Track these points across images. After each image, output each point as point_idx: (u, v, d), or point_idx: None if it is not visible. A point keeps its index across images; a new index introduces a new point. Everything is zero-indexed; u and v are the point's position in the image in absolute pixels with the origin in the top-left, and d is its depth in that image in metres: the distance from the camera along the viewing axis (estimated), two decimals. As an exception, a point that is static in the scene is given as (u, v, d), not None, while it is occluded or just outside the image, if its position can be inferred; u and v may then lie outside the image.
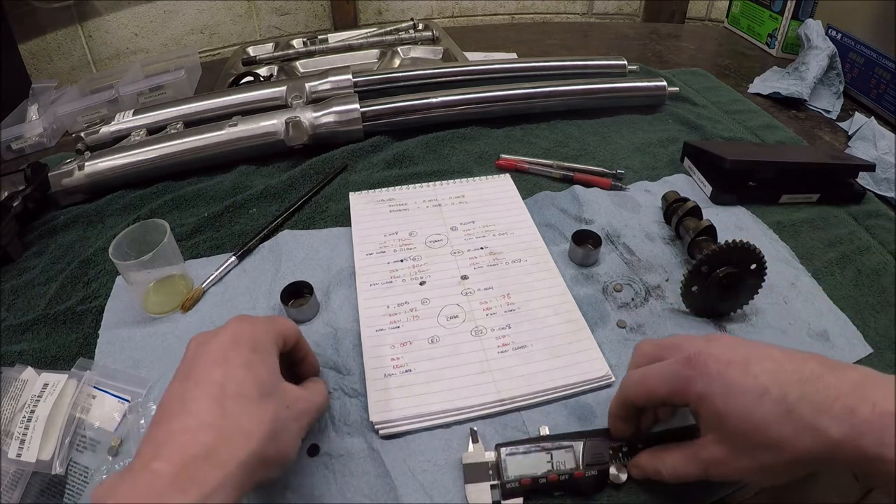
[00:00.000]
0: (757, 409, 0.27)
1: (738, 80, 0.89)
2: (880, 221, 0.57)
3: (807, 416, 0.25)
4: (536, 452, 0.34)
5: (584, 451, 0.34)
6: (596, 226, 0.54)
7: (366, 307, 0.46)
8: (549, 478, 0.34)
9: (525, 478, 0.33)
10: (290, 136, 0.64)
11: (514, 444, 0.35)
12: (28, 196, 0.59)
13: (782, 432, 0.26)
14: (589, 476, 0.34)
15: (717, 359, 0.29)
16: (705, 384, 0.28)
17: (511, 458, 0.34)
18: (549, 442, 0.35)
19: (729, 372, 0.28)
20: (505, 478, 0.34)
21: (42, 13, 0.97)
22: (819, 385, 0.26)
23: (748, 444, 0.27)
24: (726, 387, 0.28)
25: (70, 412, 0.38)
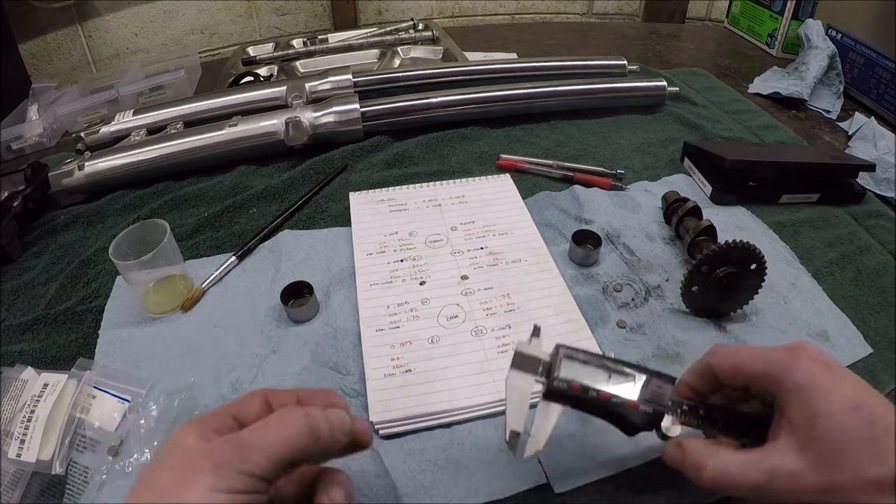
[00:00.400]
0: (850, 419, 0.25)
1: (738, 80, 0.89)
2: (880, 221, 0.57)
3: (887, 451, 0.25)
4: (596, 367, 0.31)
5: (646, 385, 0.31)
6: (596, 226, 0.54)
7: (366, 307, 0.46)
8: (601, 394, 0.30)
9: (576, 382, 0.31)
10: (290, 136, 0.64)
11: (576, 350, 0.32)
12: (28, 196, 0.59)
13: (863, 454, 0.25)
14: (642, 411, 0.30)
15: (819, 357, 0.28)
16: (808, 376, 0.27)
17: (568, 361, 0.31)
18: (613, 363, 0.32)
19: (829, 376, 0.27)
20: (555, 374, 0.31)
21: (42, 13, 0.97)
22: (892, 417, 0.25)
23: (831, 458, 0.25)
24: (826, 387, 0.26)
25: (70, 412, 0.38)
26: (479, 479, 0.35)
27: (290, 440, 0.25)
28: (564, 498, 0.35)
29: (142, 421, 0.38)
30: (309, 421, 0.26)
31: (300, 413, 0.27)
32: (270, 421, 0.26)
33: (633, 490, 0.35)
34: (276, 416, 0.26)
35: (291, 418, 0.26)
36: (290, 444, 0.25)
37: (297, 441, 0.26)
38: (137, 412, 0.39)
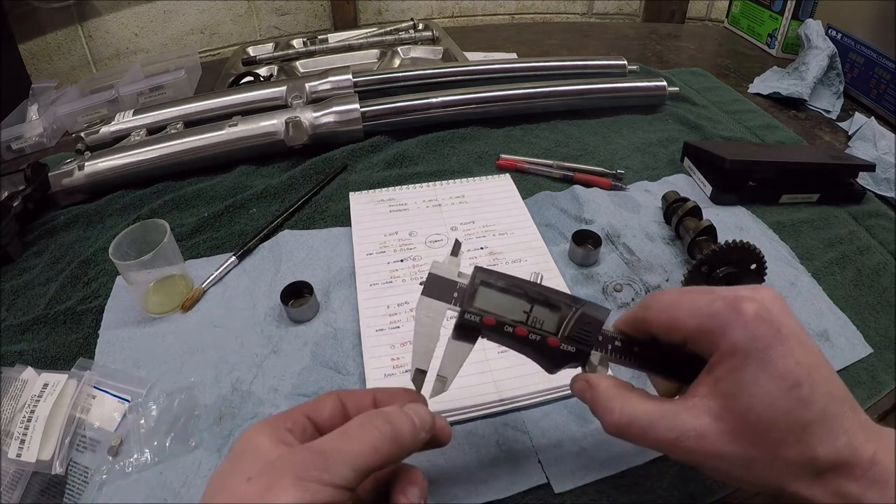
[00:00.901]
0: (783, 399, 0.23)
1: (738, 80, 0.89)
2: (880, 221, 0.57)
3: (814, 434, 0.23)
4: (516, 295, 0.28)
5: (572, 320, 0.28)
6: (596, 226, 0.54)
7: (366, 307, 0.46)
8: (517, 329, 0.28)
9: (489, 315, 0.28)
10: (290, 136, 0.64)
11: (496, 275, 0.29)
12: (28, 196, 0.59)
13: (786, 437, 0.23)
14: (564, 350, 0.28)
15: (770, 319, 0.24)
16: (746, 339, 0.24)
17: (484, 289, 0.28)
18: (537, 291, 0.28)
19: (775, 342, 0.24)
20: (467, 305, 0.28)
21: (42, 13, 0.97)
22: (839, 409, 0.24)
23: (748, 432, 0.24)
24: (765, 356, 0.23)
25: (70, 412, 0.38)
26: (479, 479, 0.35)
27: (373, 448, 0.24)
28: (564, 498, 0.35)
29: (142, 421, 0.38)
30: (391, 427, 0.25)
31: (381, 419, 0.25)
32: (351, 429, 0.25)
33: (633, 490, 0.35)
34: (356, 424, 0.25)
35: (373, 425, 0.25)
36: (374, 453, 0.24)
37: (381, 448, 0.24)
38: (137, 412, 0.39)
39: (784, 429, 0.23)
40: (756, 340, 0.24)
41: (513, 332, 0.28)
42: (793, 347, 0.24)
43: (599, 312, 0.29)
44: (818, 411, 0.23)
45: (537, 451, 0.37)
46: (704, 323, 0.25)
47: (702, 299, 0.26)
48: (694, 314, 0.26)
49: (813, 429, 0.23)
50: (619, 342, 0.28)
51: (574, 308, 0.28)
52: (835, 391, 0.24)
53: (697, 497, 0.35)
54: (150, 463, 0.36)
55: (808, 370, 0.24)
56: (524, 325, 0.28)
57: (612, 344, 0.28)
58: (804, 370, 0.23)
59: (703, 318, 0.25)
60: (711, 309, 0.25)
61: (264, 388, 0.41)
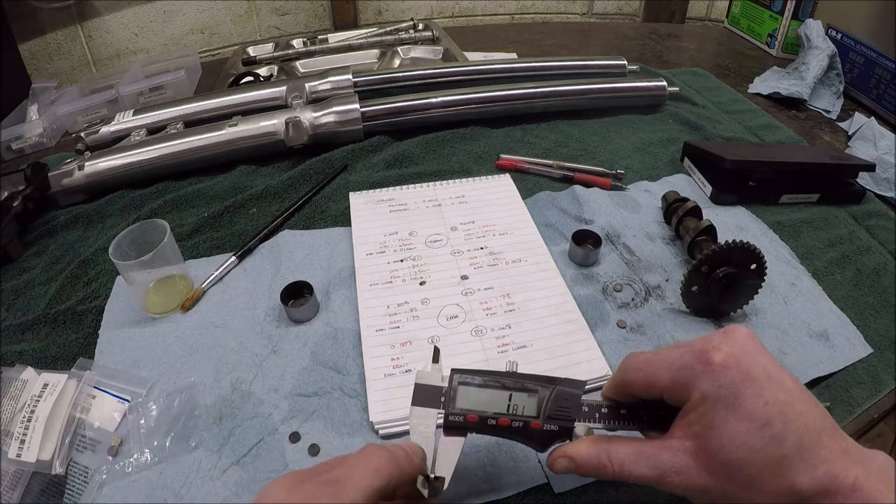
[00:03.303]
0: (753, 438, 0.24)
1: (738, 80, 0.89)
2: (880, 221, 0.57)
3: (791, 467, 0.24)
4: (495, 388, 0.30)
5: (550, 400, 0.29)
6: (596, 226, 0.54)
7: (366, 307, 0.46)
8: (500, 420, 0.29)
9: (472, 413, 0.29)
10: (290, 136, 0.64)
11: (473, 373, 0.30)
12: (28, 196, 0.59)
13: (763, 472, 0.24)
14: (547, 430, 0.29)
15: (737, 364, 0.26)
16: (714, 388, 0.26)
17: (464, 388, 0.30)
18: (513, 380, 0.30)
19: (743, 387, 0.25)
20: (451, 408, 0.29)
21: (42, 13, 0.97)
22: (816, 440, 0.25)
23: (723, 469, 0.25)
24: (734, 401, 0.25)
25: (70, 412, 0.38)
26: (479, 478, 0.35)
27: (376, 470, 0.26)
28: (564, 498, 0.35)
29: (142, 421, 0.38)
30: (387, 452, 0.27)
31: (377, 447, 0.28)
32: (352, 459, 0.27)
33: (633, 490, 0.35)
34: (356, 454, 0.27)
35: (372, 452, 0.27)
36: (377, 474, 0.26)
37: (383, 470, 0.26)
38: (137, 412, 0.39)
39: (759, 465, 0.24)
40: (723, 388, 0.25)
41: (496, 424, 0.29)
42: (762, 388, 0.25)
43: (575, 386, 0.30)
44: (792, 445, 0.24)
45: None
46: (676, 377, 0.27)
47: (673, 354, 0.28)
48: (667, 369, 0.28)
49: (789, 461, 0.24)
50: (605, 409, 0.30)
51: (550, 389, 0.30)
52: (811, 423, 0.25)
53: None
54: (150, 463, 0.36)
55: (780, 407, 0.25)
56: (506, 416, 0.29)
57: (599, 412, 0.30)
58: (774, 409, 0.25)
59: (674, 373, 0.27)
60: (681, 363, 0.27)
61: (264, 388, 0.41)
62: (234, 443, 0.37)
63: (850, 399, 0.40)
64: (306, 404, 0.40)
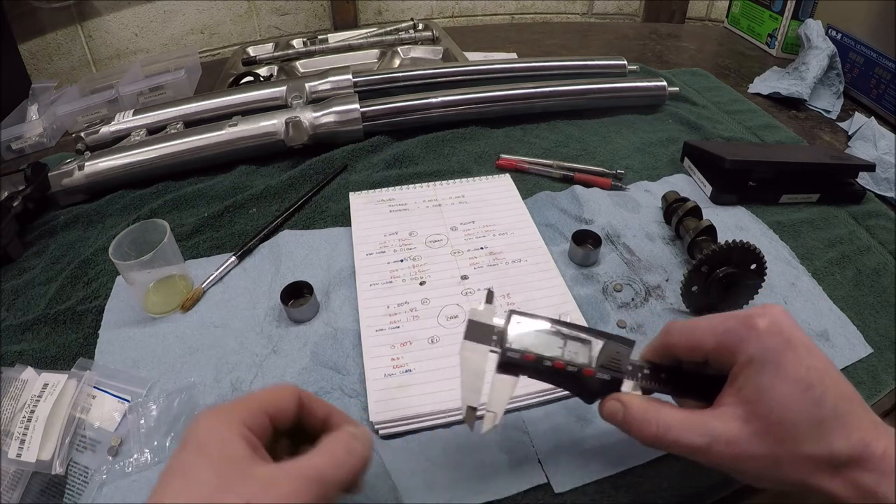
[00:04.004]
0: (799, 401, 0.26)
1: (738, 80, 0.89)
2: (880, 221, 0.57)
3: (831, 431, 0.25)
4: (550, 334, 0.31)
5: (603, 350, 0.30)
6: (596, 226, 0.54)
7: (366, 307, 0.46)
8: (556, 363, 0.30)
9: (529, 353, 0.30)
10: (290, 136, 0.64)
11: (528, 315, 0.31)
12: (28, 196, 0.59)
13: (807, 435, 0.26)
14: (599, 378, 0.30)
15: (780, 331, 0.27)
16: (760, 350, 0.27)
17: (520, 328, 0.31)
18: (568, 328, 0.31)
19: (786, 352, 0.26)
20: (507, 345, 0.30)
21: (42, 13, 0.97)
22: (850, 408, 0.26)
23: (771, 432, 0.26)
24: (779, 364, 0.26)
25: (70, 412, 0.38)
26: (478, 479, 0.35)
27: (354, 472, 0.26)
28: (564, 498, 0.35)
29: (142, 421, 0.38)
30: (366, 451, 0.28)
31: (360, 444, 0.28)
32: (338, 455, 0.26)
33: (633, 490, 0.35)
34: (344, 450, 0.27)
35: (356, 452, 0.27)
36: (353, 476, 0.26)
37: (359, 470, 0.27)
38: (137, 412, 0.39)
39: (803, 426, 0.26)
40: (769, 351, 0.27)
41: (552, 366, 0.30)
42: (802, 355, 0.27)
43: (625, 342, 0.31)
44: (831, 409, 0.26)
45: (537, 451, 0.37)
46: (722, 340, 0.28)
47: (717, 319, 0.29)
48: (712, 333, 0.29)
49: (828, 425, 0.25)
50: (647, 370, 0.31)
51: (603, 340, 0.31)
52: (845, 392, 0.26)
53: (697, 497, 0.35)
54: (149, 463, 0.36)
55: (819, 374, 0.26)
56: (561, 360, 0.30)
57: (642, 372, 0.31)
58: (815, 374, 0.26)
59: (720, 336, 0.28)
60: (726, 326, 0.28)
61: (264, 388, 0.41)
62: None
63: (850, 399, 0.40)
64: (306, 404, 0.40)
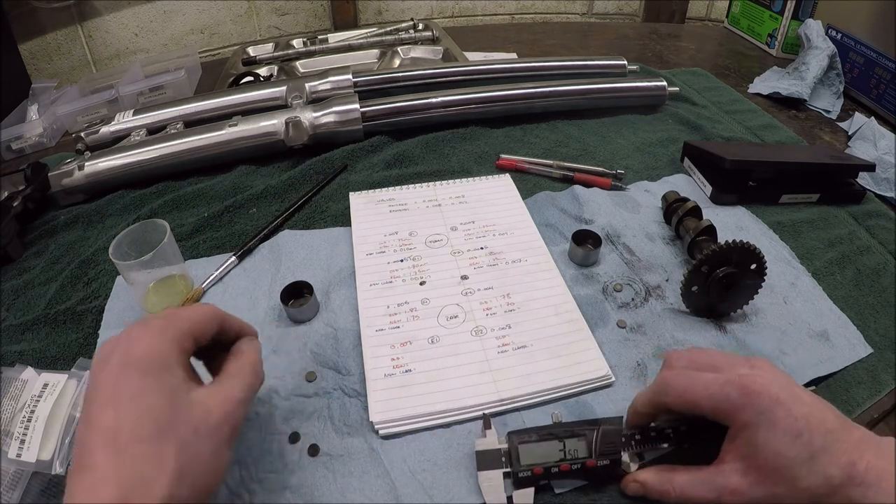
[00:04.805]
0: (790, 448, 0.29)
1: (738, 80, 0.89)
2: (880, 221, 0.57)
3: (822, 462, 0.29)
4: (549, 441, 0.34)
5: (597, 439, 0.34)
6: (596, 226, 0.54)
7: (366, 307, 0.46)
8: (562, 467, 0.34)
9: (537, 466, 0.34)
10: (290, 136, 0.64)
11: (526, 431, 0.35)
12: (28, 196, 0.59)
13: (801, 472, 0.29)
14: (601, 465, 0.34)
15: (769, 394, 0.31)
16: (754, 415, 0.30)
17: (524, 447, 0.34)
18: (562, 429, 0.35)
19: (776, 410, 0.30)
20: (517, 466, 0.34)
21: (42, 13, 0.97)
22: (835, 437, 0.30)
23: (770, 478, 0.30)
24: (772, 423, 0.30)
25: (70, 412, 0.38)
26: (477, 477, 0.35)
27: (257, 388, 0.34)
28: (564, 498, 0.35)
29: (142, 421, 0.38)
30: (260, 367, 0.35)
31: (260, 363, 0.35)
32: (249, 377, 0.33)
33: (633, 490, 0.35)
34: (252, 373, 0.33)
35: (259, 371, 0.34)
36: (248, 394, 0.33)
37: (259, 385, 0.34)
38: (137, 412, 0.39)
39: (797, 468, 0.29)
40: (762, 413, 0.30)
41: (559, 471, 0.34)
42: (790, 407, 0.30)
43: (615, 423, 0.35)
44: (819, 446, 0.29)
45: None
46: (719, 406, 0.32)
47: (713, 385, 0.32)
48: (709, 399, 0.32)
49: (818, 458, 0.29)
50: (638, 436, 0.35)
51: (595, 429, 0.35)
52: (830, 425, 0.30)
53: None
54: (150, 463, 0.36)
55: (806, 419, 0.30)
56: (566, 461, 0.34)
57: (634, 439, 0.35)
58: (802, 421, 0.30)
59: (718, 403, 0.32)
60: (724, 394, 0.31)
61: (264, 387, 0.41)
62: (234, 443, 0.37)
63: (850, 399, 0.40)
64: (306, 404, 0.40)
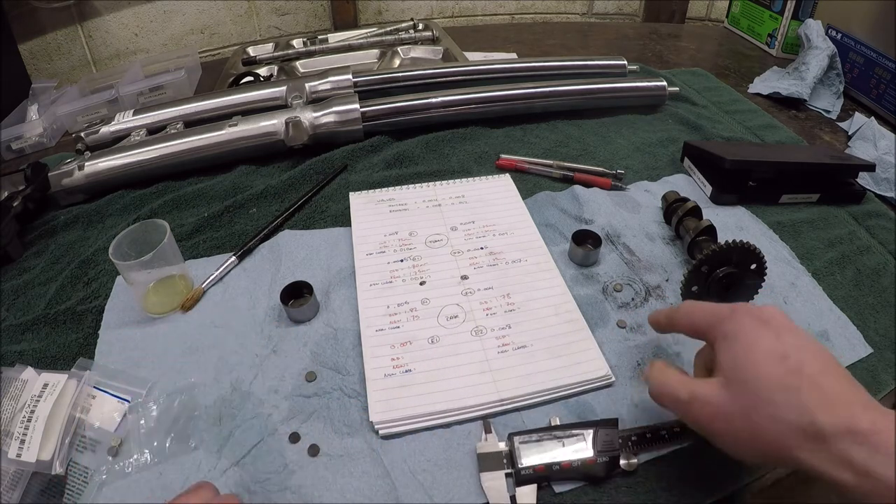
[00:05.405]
0: (773, 367, 0.28)
1: (738, 80, 0.89)
2: (880, 221, 0.57)
3: (809, 399, 0.26)
4: (549, 441, 0.35)
5: (596, 439, 0.35)
6: (596, 226, 0.54)
7: (366, 307, 0.46)
8: (563, 465, 0.34)
9: (539, 465, 0.34)
10: (290, 136, 0.64)
11: (526, 432, 0.36)
12: (28, 196, 0.59)
13: (780, 398, 0.27)
14: (601, 462, 0.35)
15: (759, 316, 0.31)
16: (736, 327, 0.31)
17: (525, 447, 0.35)
18: (562, 431, 0.36)
19: (761, 329, 0.30)
20: (519, 465, 0.34)
21: (42, 13, 0.97)
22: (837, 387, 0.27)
23: (745, 394, 0.28)
24: (754, 338, 0.30)
25: (70, 412, 0.38)
26: (478, 479, 0.35)
27: None
28: (564, 498, 0.35)
29: (142, 421, 0.38)
30: None
31: None
32: None
33: (633, 490, 0.35)
34: None
35: None
36: None
37: None
38: (137, 412, 0.39)
39: (778, 392, 0.27)
40: (743, 327, 0.30)
41: (560, 468, 0.34)
42: (780, 332, 0.30)
43: (610, 424, 0.36)
44: (809, 378, 0.27)
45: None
46: (708, 319, 0.33)
47: (709, 305, 0.34)
48: (704, 315, 0.34)
49: (809, 395, 0.27)
50: (634, 437, 0.36)
51: (593, 430, 0.36)
52: (831, 369, 0.28)
53: (697, 497, 0.35)
54: (149, 463, 0.36)
55: (797, 348, 0.28)
56: (566, 460, 0.35)
57: (630, 440, 0.36)
58: (791, 347, 0.28)
59: (708, 317, 0.33)
60: (715, 310, 0.33)
61: (264, 388, 0.41)
62: (234, 443, 0.37)
63: (850, 399, 0.40)
64: (306, 404, 0.40)
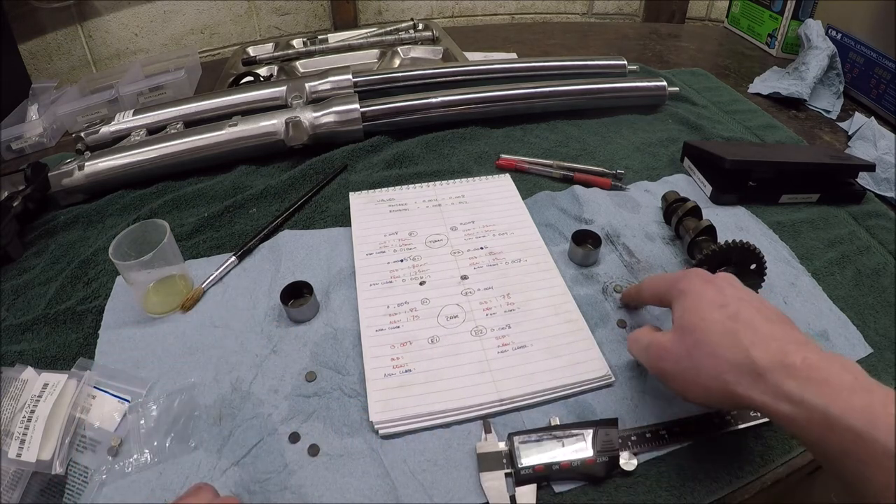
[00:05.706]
0: (714, 313, 0.32)
1: (738, 80, 0.89)
2: (880, 221, 0.57)
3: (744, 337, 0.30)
4: (549, 440, 0.35)
5: (596, 439, 0.35)
6: (596, 226, 0.54)
7: (366, 307, 0.46)
8: (562, 465, 0.34)
9: (539, 465, 0.34)
10: (290, 136, 0.64)
11: (526, 432, 0.36)
12: (28, 196, 0.59)
13: (721, 340, 0.31)
14: (600, 462, 0.35)
15: (705, 276, 0.36)
16: (687, 285, 0.35)
17: (524, 447, 0.35)
18: (561, 431, 0.36)
19: (706, 285, 0.35)
20: (519, 465, 0.34)
21: (42, 13, 0.97)
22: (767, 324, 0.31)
23: (691, 336, 0.33)
24: (700, 292, 0.34)
25: (70, 412, 0.38)
26: (478, 479, 0.35)
27: None
28: (564, 498, 0.35)
29: (142, 421, 0.38)
30: None
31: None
32: None
33: (633, 490, 0.35)
34: None
35: None
36: None
37: None
38: (137, 412, 0.39)
39: (717, 334, 0.31)
40: (692, 284, 0.35)
41: (560, 468, 0.34)
42: (722, 287, 0.34)
43: (610, 424, 0.36)
44: (745, 321, 0.31)
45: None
46: (666, 285, 0.38)
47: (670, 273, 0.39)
48: (663, 281, 0.39)
49: (744, 335, 0.30)
50: (633, 437, 0.37)
51: (592, 430, 0.36)
52: (767, 314, 0.32)
53: (697, 497, 0.35)
54: (149, 463, 0.36)
55: (735, 299, 0.33)
56: (566, 460, 0.35)
57: (630, 440, 0.37)
58: (731, 297, 0.33)
59: (666, 283, 0.38)
60: (671, 276, 0.38)
61: (264, 388, 0.41)
62: (234, 443, 0.37)
63: (850, 399, 0.40)
64: (306, 404, 0.40)
